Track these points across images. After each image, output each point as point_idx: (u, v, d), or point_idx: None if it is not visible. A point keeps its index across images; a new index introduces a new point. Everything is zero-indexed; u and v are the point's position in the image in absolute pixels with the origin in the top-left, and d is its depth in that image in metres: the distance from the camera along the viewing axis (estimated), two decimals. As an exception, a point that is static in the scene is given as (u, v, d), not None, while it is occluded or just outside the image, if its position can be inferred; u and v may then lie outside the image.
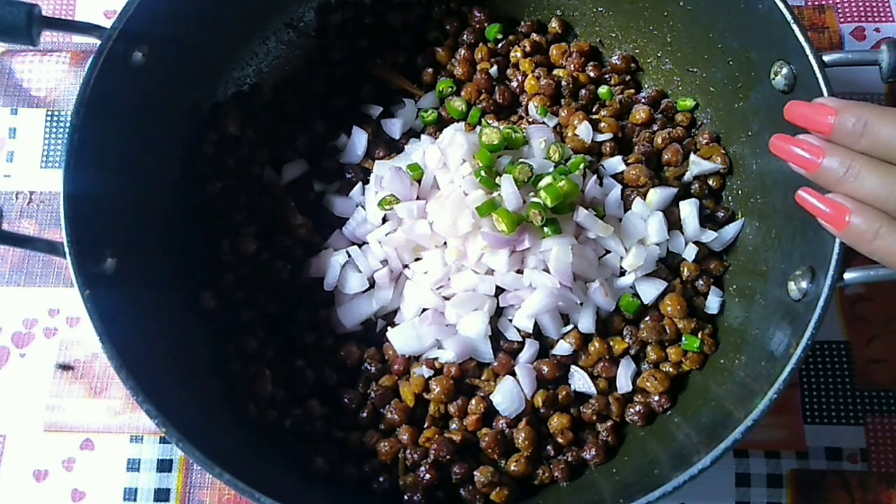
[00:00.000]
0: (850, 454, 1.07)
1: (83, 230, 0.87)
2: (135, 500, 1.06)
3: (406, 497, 0.95)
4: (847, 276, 0.84)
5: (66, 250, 0.85)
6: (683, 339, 1.02)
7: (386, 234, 1.03)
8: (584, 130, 1.08)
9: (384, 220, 1.05)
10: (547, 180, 0.99)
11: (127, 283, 0.91)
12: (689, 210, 1.06)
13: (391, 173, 1.03)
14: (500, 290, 1.01)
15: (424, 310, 1.01)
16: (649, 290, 1.02)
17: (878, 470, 1.06)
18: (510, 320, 1.01)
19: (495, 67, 1.16)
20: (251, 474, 0.81)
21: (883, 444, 1.07)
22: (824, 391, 1.09)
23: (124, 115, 0.95)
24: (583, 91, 1.14)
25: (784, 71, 0.94)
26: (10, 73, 1.23)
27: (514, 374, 1.00)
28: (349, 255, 1.04)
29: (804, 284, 0.88)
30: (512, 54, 1.17)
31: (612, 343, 1.02)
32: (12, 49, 1.22)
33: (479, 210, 0.97)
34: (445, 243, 1.02)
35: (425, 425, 0.99)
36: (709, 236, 1.06)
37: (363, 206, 1.08)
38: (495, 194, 1.00)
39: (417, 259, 1.04)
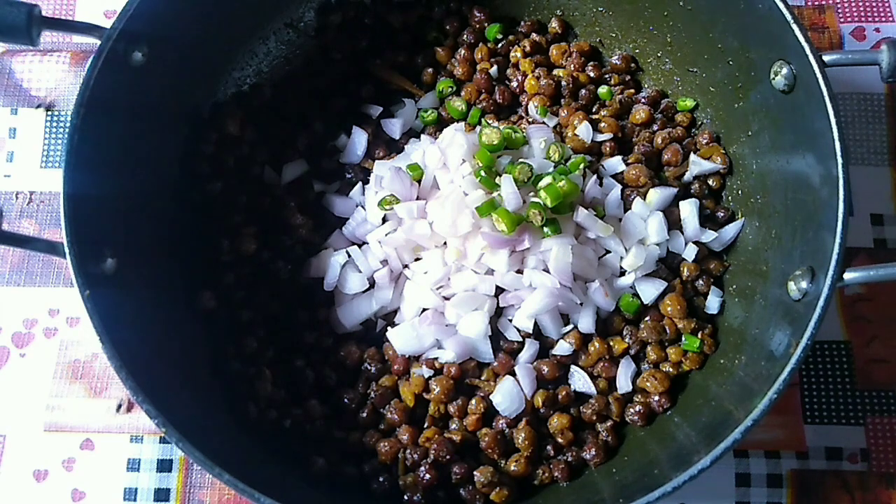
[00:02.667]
0: (850, 454, 1.06)
1: (83, 230, 0.87)
2: (135, 499, 1.05)
3: (406, 497, 0.95)
4: (847, 276, 0.84)
5: (66, 250, 0.85)
6: (683, 339, 1.02)
7: (386, 234, 1.03)
8: (584, 130, 1.08)
9: (384, 220, 1.05)
10: (547, 180, 0.99)
11: (127, 283, 0.91)
12: (689, 210, 1.06)
13: (391, 173, 1.03)
14: (500, 290, 1.01)
15: (424, 310, 1.02)
16: (649, 290, 1.02)
17: (878, 470, 1.06)
18: (510, 320, 1.01)
19: (495, 67, 1.16)
20: (251, 474, 0.81)
21: (883, 445, 1.07)
22: (824, 391, 1.09)
23: (124, 115, 0.96)
24: (583, 91, 1.14)
25: (784, 71, 0.94)
26: (10, 74, 1.23)
27: (514, 374, 1.00)
28: (349, 255, 1.04)
29: (804, 284, 0.88)
30: (512, 54, 1.17)
31: (612, 343, 1.02)
32: (12, 49, 1.22)
33: (479, 210, 0.98)
34: (445, 243, 1.02)
35: (425, 425, 0.99)
36: (709, 236, 1.05)
37: (363, 206, 1.08)
38: (495, 194, 1.00)
39: (417, 259, 1.04)
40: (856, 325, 1.12)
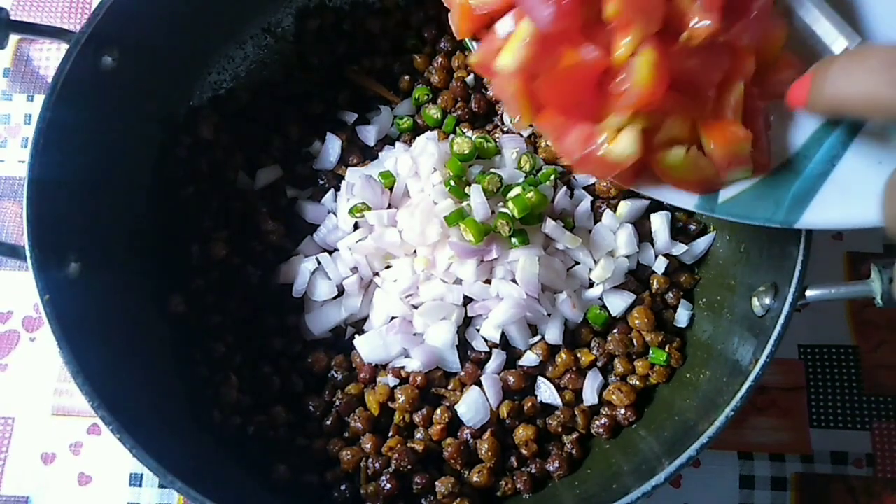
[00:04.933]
0: (855, 459, 1.07)
1: (47, 235, 0.87)
2: (140, 485, 1.06)
3: (367, 506, 0.94)
4: (809, 293, 0.83)
5: (28, 254, 0.85)
6: (650, 352, 1.01)
7: (356, 242, 1.03)
8: (556, 141, 1.07)
9: (355, 227, 1.05)
10: (516, 191, 0.99)
11: (91, 287, 0.91)
12: (659, 222, 1.05)
13: (362, 181, 1.03)
14: (468, 300, 1.00)
15: (393, 318, 1.01)
16: (617, 303, 1.02)
17: (883, 475, 1.06)
18: (477, 330, 1.01)
19: (472, 76, 1.15)
20: (208, 482, 0.80)
21: (889, 450, 1.07)
22: (831, 395, 1.09)
23: (94, 119, 0.96)
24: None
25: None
26: (27, 61, 1.25)
27: (480, 384, 0.99)
28: (319, 262, 1.04)
29: (767, 301, 0.88)
30: (489, 62, 1.16)
31: (579, 355, 1.01)
32: (30, 37, 1.23)
33: (447, 219, 0.98)
34: (416, 252, 1.02)
35: (389, 434, 0.99)
36: (679, 249, 1.05)
37: (335, 213, 1.08)
38: (464, 204, 0.99)
39: (388, 267, 1.04)
40: (864, 329, 1.11)
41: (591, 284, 1.03)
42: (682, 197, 0.77)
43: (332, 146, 1.11)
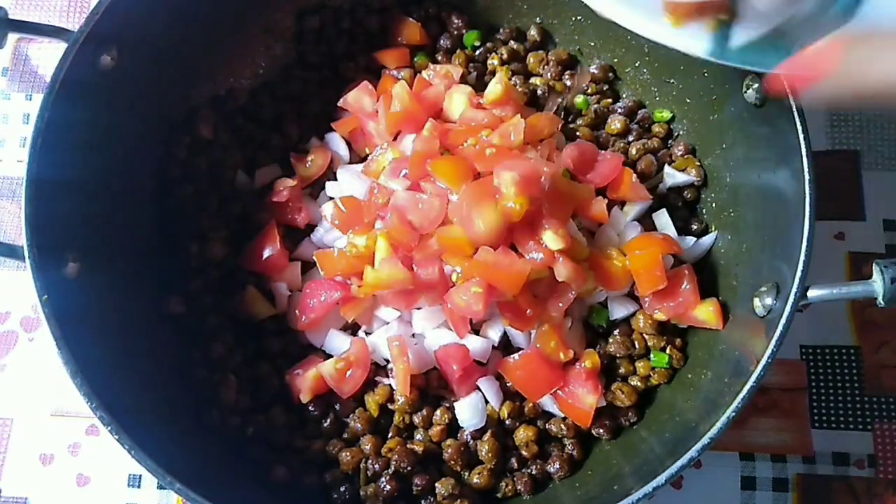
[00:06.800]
0: (857, 460, 1.06)
1: (45, 235, 0.86)
2: (139, 486, 1.06)
3: (367, 507, 0.94)
4: (811, 293, 0.83)
5: (26, 254, 0.84)
6: (652, 355, 1.00)
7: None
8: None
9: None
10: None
11: (90, 287, 0.91)
12: (664, 221, 1.05)
13: (349, 174, 1.02)
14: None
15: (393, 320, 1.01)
16: (619, 310, 1.01)
17: (885, 476, 1.05)
18: (478, 332, 1.00)
19: (473, 74, 1.15)
20: (207, 483, 0.80)
21: (891, 451, 1.06)
22: (833, 396, 1.08)
23: (93, 117, 0.95)
24: (559, 100, 1.13)
25: (755, 85, 0.93)
26: (26, 60, 1.25)
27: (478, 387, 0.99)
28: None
29: (769, 301, 0.87)
30: (489, 61, 1.16)
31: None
32: (29, 36, 1.22)
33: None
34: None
35: (389, 435, 0.98)
36: (688, 242, 1.04)
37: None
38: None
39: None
40: (866, 330, 1.11)
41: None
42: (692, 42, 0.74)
43: (337, 144, 1.11)
